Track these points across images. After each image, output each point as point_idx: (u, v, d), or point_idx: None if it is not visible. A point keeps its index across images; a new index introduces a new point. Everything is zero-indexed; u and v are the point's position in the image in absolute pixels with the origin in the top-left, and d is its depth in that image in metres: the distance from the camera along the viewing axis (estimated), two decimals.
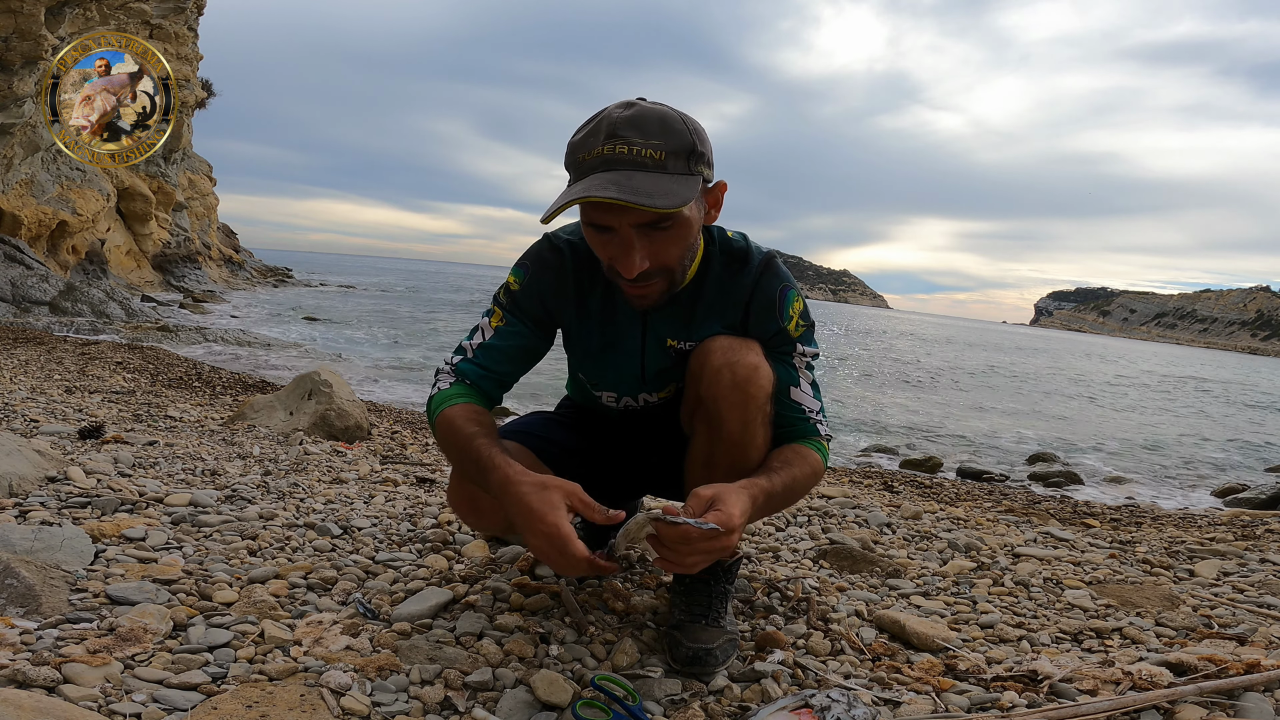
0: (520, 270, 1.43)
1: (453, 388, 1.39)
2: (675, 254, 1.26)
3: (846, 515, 2.74)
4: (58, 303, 10.74)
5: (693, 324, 1.40)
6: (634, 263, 1.20)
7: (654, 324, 1.41)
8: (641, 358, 1.45)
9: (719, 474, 1.37)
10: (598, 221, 1.20)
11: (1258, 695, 1.33)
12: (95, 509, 1.93)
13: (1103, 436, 10.38)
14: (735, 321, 1.39)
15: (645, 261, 1.21)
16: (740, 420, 1.32)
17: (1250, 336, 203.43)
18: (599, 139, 1.17)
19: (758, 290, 1.37)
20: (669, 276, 1.28)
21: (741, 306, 1.38)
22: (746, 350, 1.34)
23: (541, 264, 1.42)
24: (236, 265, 24.64)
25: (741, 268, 1.38)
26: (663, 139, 1.18)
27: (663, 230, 1.21)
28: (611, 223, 1.19)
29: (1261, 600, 2.01)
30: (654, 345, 1.43)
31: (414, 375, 9.88)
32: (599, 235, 1.23)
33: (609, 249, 1.23)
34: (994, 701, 1.32)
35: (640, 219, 1.18)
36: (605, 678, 1.27)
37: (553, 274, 1.41)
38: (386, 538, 1.99)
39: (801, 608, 1.73)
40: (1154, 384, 24.41)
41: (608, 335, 1.45)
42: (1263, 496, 5.64)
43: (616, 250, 1.22)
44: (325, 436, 3.76)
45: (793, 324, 1.39)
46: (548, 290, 1.42)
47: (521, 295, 1.42)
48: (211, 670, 1.23)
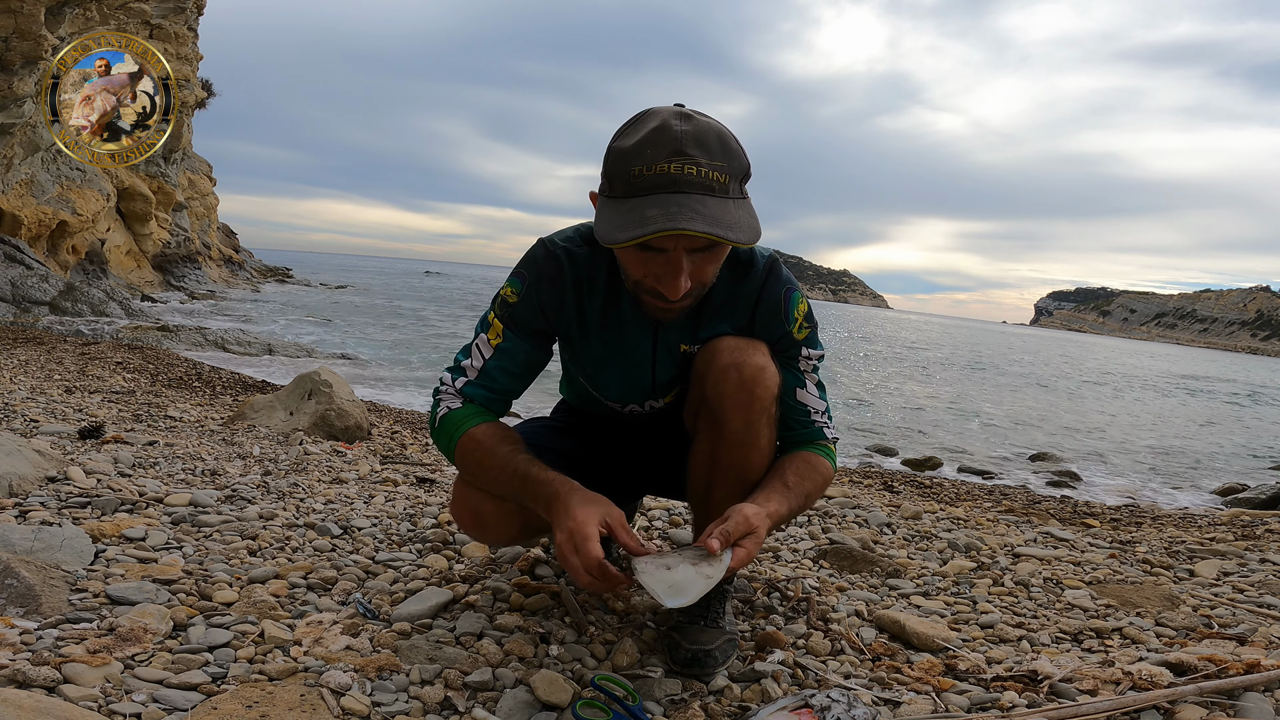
0: (517, 280, 1.38)
1: (465, 408, 1.38)
2: (713, 272, 1.24)
3: (846, 515, 2.74)
4: (58, 303, 10.74)
5: (700, 328, 1.39)
6: (680, 285, 1.18)
7: (664, 333, 1.39)
8: (653, 368, 1.43)
9: (721, 474, 1.37)
10: (656, 245, 1.15)
11: (1258, 695, 1.33)
12: (95, 509, 1.93)
13: (1103, 436, 10.38)
14: (742, 325, 1.39)
15: (689, 282, 1.20)
16: (744, 420, 1.32)
17: (1250, 336, 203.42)
18: (662, 153, 1.12)
19: (763, 293, 1.36)
20: (701, 293, 1.27)
21: (748, 309, 1.38)
22: (754, 350, 1.33)
23: (539, 274, 1.37)
24: (236, 265, 24.63)
25: (747, 271, 1.36)
26: (725, 160, 1.15)
27: (709, 253, 1.19)
28: (668, 245, 1.15)
29: (1261, 600, 2.01)
30: (665, 354, 1.41)
31: (414, 374, 9.88)
32: (643, 254, 1.18)
33: (651, 267, 1.19)
34: (994, 701, 1.32)
35: (694, 244, 1.15)
36: (605, 678, 1.27)
37: (550, 284, 1.37)
38: (386, 538, 1.99)
39: (801, 608, 1.73)
40: (1154, 384, 24.40)
41: (612, 345, 1.42)
42: (1263, 496, 5.63)
43: (662, 270, 1.18)
44: (325, 436, 3.76)
45: (796, 326, 1.39)
46: (547, 301, 1.37)
47: (520, 308, 1.38)
48: (211, 670, 1.23)
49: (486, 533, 1.48)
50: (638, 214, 1.12)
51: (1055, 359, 35.26)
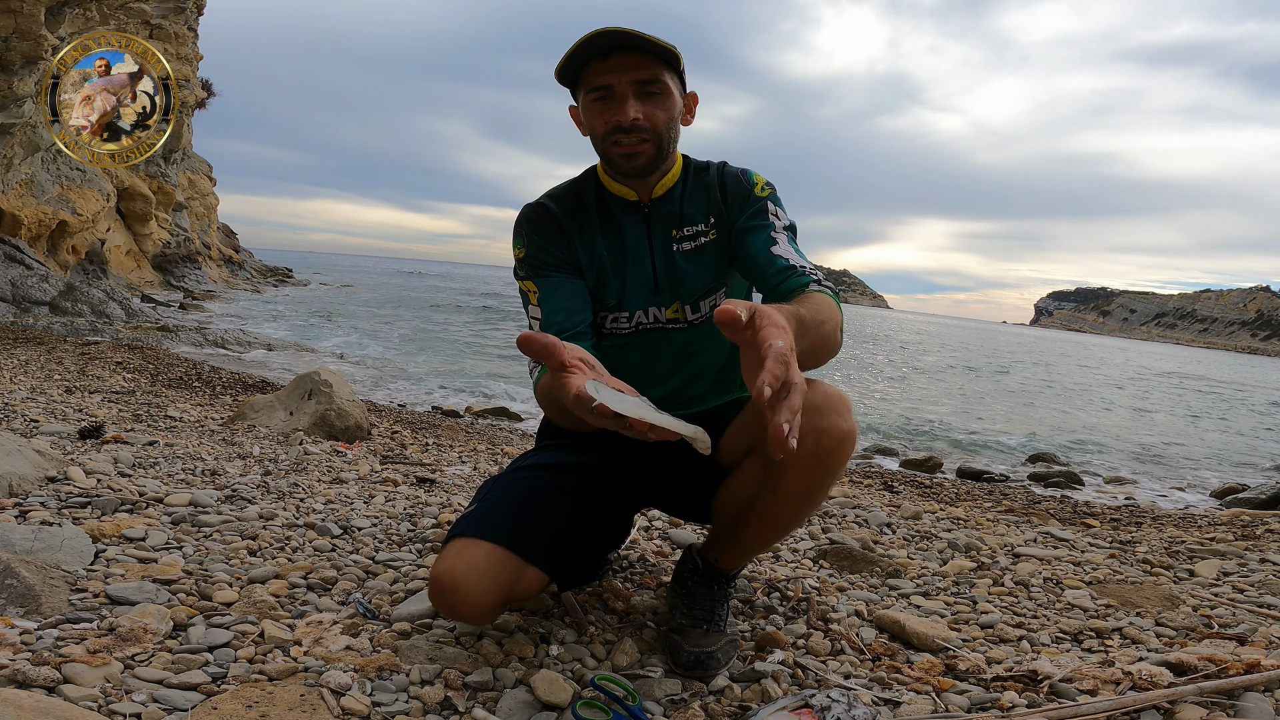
0: (519, 238, 1.49)
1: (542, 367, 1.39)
2: (662, 119, 1.39)
3: (846, 515, 2.74)
4: (58, 303, 10.74)
5: (683, 215, 1.49)
6: (630, 109, 1.36)
7: (655, 224, 1.49)
8: (651, 260, 1.49)
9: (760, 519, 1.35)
10: (598, 83, 1.36)
11: (1258, 695, 1.33)
12: (95, 509, 1.93)
13: (1103, 436, 10.38)
14: (718, 208, 1.48)
15: (639, 115, 1.36)
16: (807, 488, 1.29)
17: (1250, 336, 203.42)
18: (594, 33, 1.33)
19: (725, 177, 1.51)
20: (657, 141, 1.40)
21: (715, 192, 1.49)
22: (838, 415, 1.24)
23: (532, 222, 1.49)
24: (236, 265, 24.63)
25: (706, 168, 1.53)
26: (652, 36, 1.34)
27: (652, 95, 1.37)
28: (611, 80, 1.35)
29: (1261, 600, 2.01)
30: (660, 243, 1.49)
31: (415, 375, 9.88)
32: (599, 102, 1.38)
33: (609, 110, 1.38)
34: (994, 701, 1.32)
35: (636, 75, 1.35)
36: (605, 678, 1.27)
37: (545, 224, 1.49)
38: (386, 538, 1.99)
39: (801, 608, 1.73)
40: (1155, 384, 24.42)
41: (615, 251, 1.49)
42: (1263, 496, 5.63)
43: (616, 107, 1.37)
44: (325, 436, 3.76)
45: (759, 187, 1.48)
46: (551, 237, 1.48)
47: (534, 253, 1.47)
48: (211, 670, 1.23)
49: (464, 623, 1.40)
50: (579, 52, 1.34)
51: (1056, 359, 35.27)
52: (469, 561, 1.28)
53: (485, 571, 1.28)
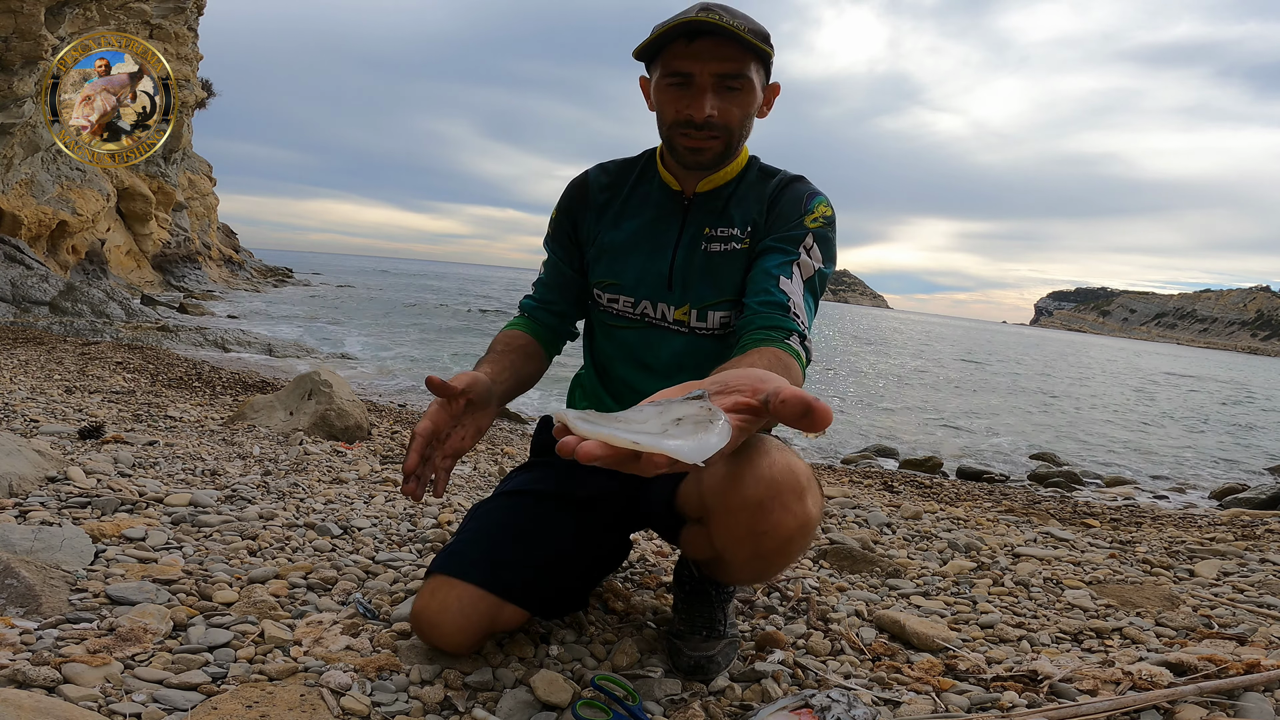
0: (560, 201, 1.55)
1: (515, 319, 1.56)
2: (737, 116, 1.33)
3: (846, 515, 2.74)
4: (58, 303, 10.74)
5: (725, 213, 1.43)
6: (705, 104, 1.29)
7: (691, 218, 1.44)
8: (674, 253, 1.43)
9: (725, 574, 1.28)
10: (680, 69, 1.29)
11: (1258, 695, 1.33)
12: (95, 509, 1.93)
13: (1103, 436, 10.38)
14: (758, 219, 1.41)
15: (715, 111, 1.30)
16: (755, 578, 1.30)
17: (1250, 336, 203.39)
18: (689, 10, 1.27)
19: (785, 190, 1.42)
20: (727, 138, 1.34)
21: (764, 204, 1.42)
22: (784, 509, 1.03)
23: (571, 188, 1.54)
24: (236, 265, 24.63)
25: (773, 174, 1.46)
26: (746, 21, 1.29)
27: (732, 90, 1.31)
28: (693, 69, 1.28)
29: (1261, 600, 2.01)
30: (689, 240, 1.43)
31: (414, 376, 9.88)
32: (674, 90, 1.31)
33: (682, 99, 1.31)
34: (994, 701, 1.32)
35: (720, 68, 1.28)
36: (605, 678, 1.27)
37: (578, 189, 1.53)
38: (386, 538, 1.99)
39: (801, 608, 1.73)
40: (1155, 383, 24.41)
41: (639, 231, 1.46)
42: (1263, 496, 5.63)
43: (691, 98, 1.30)
44: (325, 436, 3.76)
45: (812, 217, 1.39)
46: (575, 205, 1.52)
47: (555, 221, 1.55)
48: (211, 670, 1.23)
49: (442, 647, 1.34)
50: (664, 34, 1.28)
51: (1056, 359, 35.28)
52: (442, 603, 1.30)
53: (459, 612, 1.29)
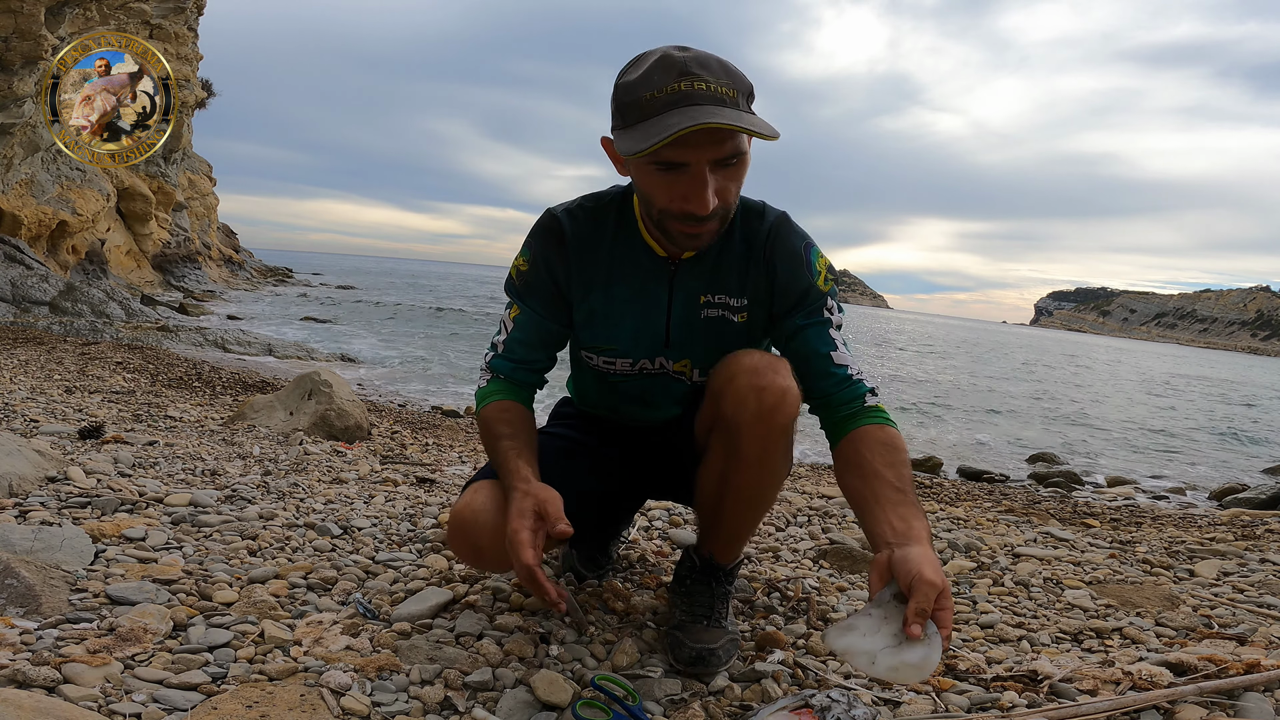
0: (527, 249, 1.43)
1: (490, 384, 1.45)
2: (735, 193, 1.25)
3: (846, 515, 2.74)
4: (58, 303, 10.73)
5: (718, 277, 1.38)
6: (708, 198, 1.18)
7: (681, 279, 1.38)
8: (667, 314, 1.40)
9: (732, 493, 1.36)
10: (675, 159, 1.17)
11: (1258, 695, 1.33)
12: (95, 509, 1.93)
13: (1103, 436, 10.38)
14: (759, 282, 1.37)
15: (715, 199, 1.20)
16: (761, 449, 1.30)
17: (1250, 336, 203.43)
18: (669, 77, 1.15)
19: (777, 241, 1.36)
20: (724, 217, 1.26)
21: (762, 266, 1.36)
22: (775, 373, 1.28)
23: (545, 235, 1.41)
24: (236, 265, 24.63)
25: (761, 215, 1.38)
26: (729, 79, 1.17)
27: (729, 168, 1.21)
28: (689, 159, 1.17)
29: (1261, 600, 2.01)
30: (681, 302, 1.39)
31: (415, 374, 9.88)
32: (666, 176, 1.19)
33: (676, 188, 1.20)
34: (994, 701, 1.32)
35: (717, 154, 1.17)
36: (605, 678, 1.27)
37: (556, 240, 1.40)
38: (386, 538, 1.99)
39: (801, 608, 1.73)
40: (1155, 384, 24.41)
41: (625, 296, 1.40)
42: (1262, 496, 5.63)
43: (688, 188, 1.19)
44: (325, 436, 3.76)
45: (822, 279, 1.37)
46: (554, 258, 1.40)
47: (530, 273, 1.42)
48: (211, 670, 1.23)
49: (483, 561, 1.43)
50: (658, 126, 1.14)
51: (1056, 358, 35.28)
52: (483, 500, 1.32)
53: (500, 510, 1.28)
